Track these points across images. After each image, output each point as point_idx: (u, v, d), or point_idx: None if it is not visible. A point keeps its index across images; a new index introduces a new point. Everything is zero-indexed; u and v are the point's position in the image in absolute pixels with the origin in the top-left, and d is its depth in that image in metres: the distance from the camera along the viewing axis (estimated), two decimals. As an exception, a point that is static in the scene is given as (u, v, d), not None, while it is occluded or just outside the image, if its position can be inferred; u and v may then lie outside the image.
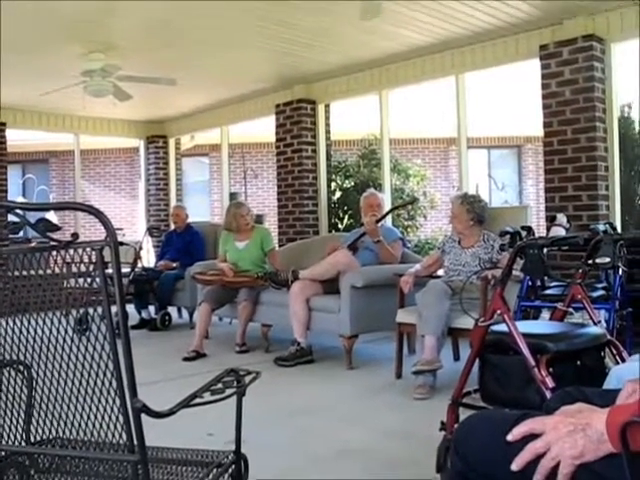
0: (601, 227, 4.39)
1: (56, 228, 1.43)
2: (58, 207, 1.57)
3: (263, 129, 10.22)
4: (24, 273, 1.63)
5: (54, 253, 1.53)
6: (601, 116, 5.73)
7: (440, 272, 5.12)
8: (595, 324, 2.81)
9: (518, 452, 1.26)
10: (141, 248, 7.88)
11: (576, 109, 5.76)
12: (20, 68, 7.04)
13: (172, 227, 8.51)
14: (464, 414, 2.73)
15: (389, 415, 4.00)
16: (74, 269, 1.56)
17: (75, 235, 1.45)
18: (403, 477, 2.97)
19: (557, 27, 5.88)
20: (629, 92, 7.39)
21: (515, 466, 1.25)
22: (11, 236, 1.53)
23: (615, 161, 5.82)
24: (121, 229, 6.81)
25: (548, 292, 4.72)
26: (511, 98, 11.78)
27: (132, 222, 13.26)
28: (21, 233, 1.56)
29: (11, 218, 1.52)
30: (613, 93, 5.79)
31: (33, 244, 1.60)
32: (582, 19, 5.71)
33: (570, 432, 1.23)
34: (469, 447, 1.42)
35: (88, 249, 1.45)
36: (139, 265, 7.68)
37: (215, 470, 1.87)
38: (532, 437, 1.27)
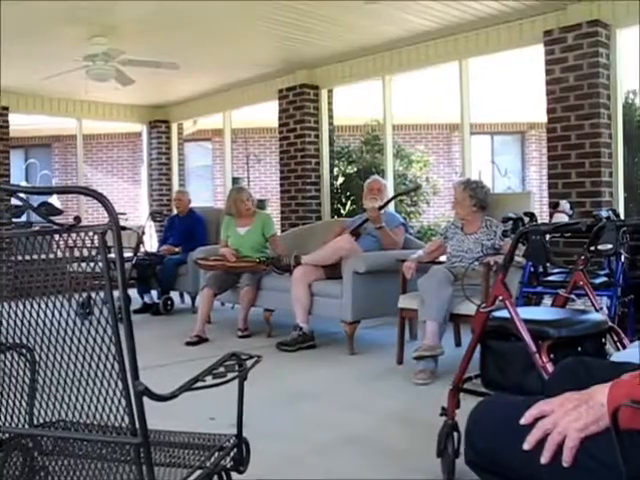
0: (604, 214, 4.37)
1: (58, 212, 1.43)
2: (61, 191, 1.57)
3: (266, 114, 10.19)
4: (27, 257, 1.63)
5: (57, 237, 1.54)
6: (605, 102, 5.71)
7: (442, 258, 5.12)
8: (597, 311, 2.81)
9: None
10: (144, 233, 7.88)
11: (580, 95, 5.73)
12: (23, 52, 7.03)
13: (174, 212, 8.51)
14: (465, 400, 2.75)
15: (390, 400, 4.02)
16: (77, 253, 1.56)
17: (77, 219, 1.45)
18: (404, 462, 2.98)
19: (561, 12, 5.85)
20: (634, 78, 7.35)
21: (527, 445, 1.27)
22: (14, 220, 1.53)
23: (619, 148, 5.80)
24: (124, 214, 6.81)
25: (550, 278, 4.73)
26: (515, 84, 11.73)
27: (135, 207, 13.25)
28: (23, 217, 1.56)
29: (14, 202, 1.52)
30: (618, 79, 5.76)
31: (36, 228, 1.60)
32: (587, 4, 5.68)
33: (575, 406, 1.27)
34: (479, 436, 1.43)
35: (90, 233, 1.45)
36: (142, 250, 7.70)
37: (217, 453, 1.88)
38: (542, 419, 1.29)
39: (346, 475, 2.87)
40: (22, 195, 1.49)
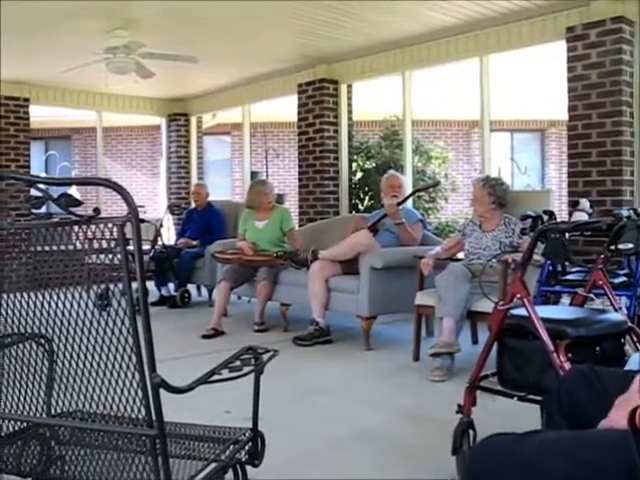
0: (625, 213, 4.32)
1: (78, 203, 1.44)
2: (81, 182, 1.58)
3: (285, 108, 10.19)
4: (46, 248, 1.64)
5: (76, 228, 1.54)
6: (628, 100, 5.65)
7: (460, 255, 5.10)
8: (616, 310, 2.79)
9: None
10: (162, 225, 7.91)
11: (602, 93, 5.68)
12: (44, 45, 7.06)
13: (193, 205, 8.54)
14: (481, 397, 2.74)
15: (406, 397, 4.01)
16: (95, 245, 1.57)
17: (97, 210, 1.46)
18: (418, 460, 2.98)
19: (585, 9, 5.79)
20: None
21: None
22: (33, 211, 1.54)
23: (641, 146, 5.74)
24: (142, 206, 6.81)
25: (569, 277, 4.69)
26: (535, 81, 11.64)
27: (153, 200, 13.31)
28: (43, 208, 1.57)
29: (33, 192, 1.53)
30: (641, 77, 5.70)
31: (55, 219, 1.61)
32: (611, 1, 5.61)
33: None
34: (480, 478, 1.44)
35: (110, 225, 1.46)
36: (159, 242, 7.73)
37: (232, 447, 1.89)
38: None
39: (360, 472, 2.87)
40: (42, 186, 1.50)
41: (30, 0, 5.50)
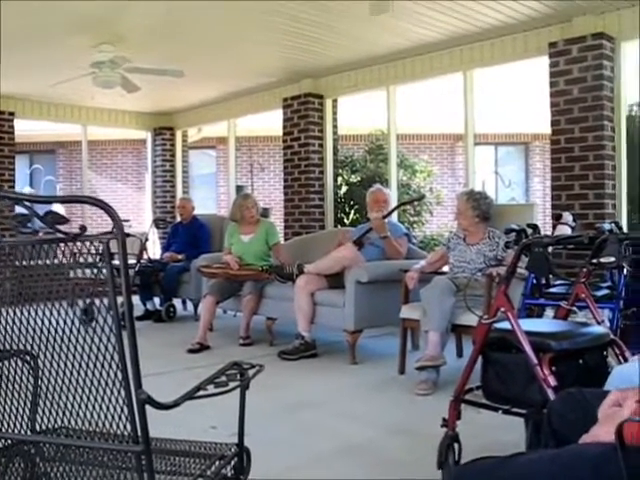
0: (607, 226, 4.38)
1: (64, 220, 1.44)
2: (67, 200, 1.59)
3: (270, 122, 10.23)
4: (31, 263, 1.64)
5: (62, 245, 1.55)
6: (609, 115, 5.72)
7: (445, 268, 5.13)
8: (599, 323, 2.82)
9: None
10: (147, 239, 7.90)
11: (584, 107, 5.75)
12: (29, 59, 7.06)
13: (178, 219, 8.53)
14: (466, 410, 2.75)
15: (392, 411, 4.02)
16: (81, 260, 1.57)
17: (83, 228, 1.47)
18: (405, 473, 2.98)
19: (566, 25, 5.87)
20: (638, 91, 7.36)
21: None
22: (20, 229, 1.54)
23: (622, 160, 5.81)
24: (128, 220, 6.79)
25: (552, 290, 4.72)
26: (519, 95, 11.75)
27: (138, 213, 13.28)
28: (28, 223, 1.57)
29: (19, 209, 1.53)
30: (622, 92, 5.77)
31: (40, 234, 1.61)
32: (592, 17, 5.69)
33: None
34: None
35: (96, 242, 1.47)
36: (145, 257, 7.71)
37: (218, 462, 1.89)
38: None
39: (346, 485, 2.87)
40: (28, 203, 1.50)
41: (14, 14, 5.51)
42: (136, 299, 7.52)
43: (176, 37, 6.47)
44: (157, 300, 7.71)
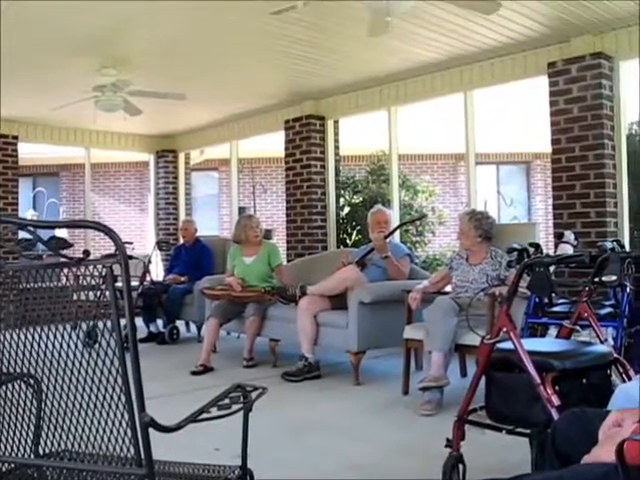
0: (609, 244, 4.39)
1: (68, 245, 1.45)
2: (71, 225, 1.60)
3: (272, 144, 10.27)
4: (34, 285, 1.65)
5: (65, 270, 1.56)
6: (609, 133, 5.74)
7: (448, 288, 5.13)
8: (602, 342, 2.82)
9: None
10: (150, 262, 7.91)
11: (584, 126, 5.77)
12: (32, 82, 7.12)
13: (181, 241, 8.55)
14: (470, 431, 2.74)
15: (396, 431, 4.00)
16: (84, 282, 1.58)
17: (86, 252, 1.48)
18: (409, 494, 2.97)
19: (565, 45, 5.91)
20: (637, 109, 7.40)
21: None
22: (24, 253, 1.55)
23: (623, 178, 5.82)
24: (130, 242, 6.85)
25: (555, 309, 4.71)
26: (520, 114, 11.80)
27: (141, 235, 13.30)
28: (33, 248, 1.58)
29: (22, 234, 1.55)
30: (621, 110, 5.79)
31: (44, 257, 1.62)
32: (590, 37, 5.73)
33: None
34: None
35: (99, 266, 1.48)
36: (148, 279, 7.71)
37: (221, 485, 1.89)
38: None
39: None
40: (32, 228, 1.52)
41: (17, 39, 5.57)
42: (139, 321, 7.51)
43: (178, 60, 6.52)
44: (160, 322, 7.70)
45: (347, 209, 10.43)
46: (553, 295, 4.48)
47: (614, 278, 2.65)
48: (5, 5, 4.74)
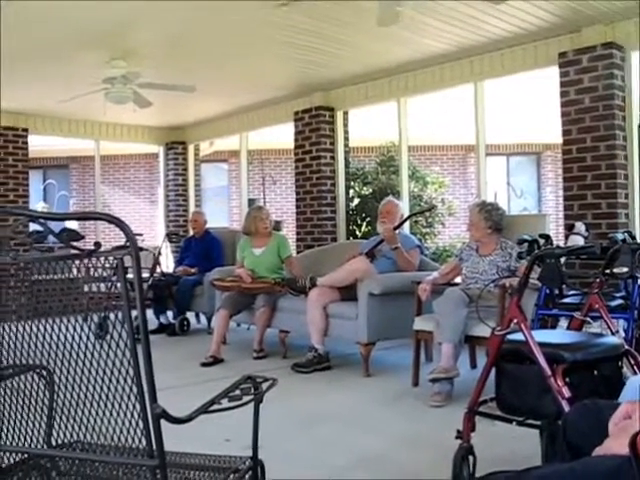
0: (620, 236, 4.37)
1: (79, 237, 1.46)
2: (82, 217, 1.61)
3: (282, 136, 10.26)
4: (46, 277, 1.66)
5: (77, 262, 1.56)
6: (621, 124, 5.71)
7: (458, 280, 5.12)
8: (613, 334, 2.81)
9: None
10: (160, 253, 7.93)
11: (595, 117, 5.74)
12: (43, 75, 7.14)
13: (191, 233, 8.57)
14: (480, 422, 2.74)
15: (406, 422, 4.01)
16: (95, 274, 1.59)
17: (97, 244, 1.48)
18: (419, 485, 2.97)
19: (576, 35, 5.87)
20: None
21: None
22: (35, 245, 1.56)
23: (635, 169, 5.78)
24: (141, 234, 6.85)
25: (566, 301, 4.70)
26: (530, 105, 11.73)
27: (151, 227, 13.34)
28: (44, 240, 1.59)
29: (33, 226, 1.55)
30: (633, 101, 5.76)
31: (55, 249, 1.63)
32: (601, 27, 5.69)
33: None
34: None
35: (110, 258, 1.48)
36: (158, 270, 7.74)
37: (232, 475, 1.89)
38: None
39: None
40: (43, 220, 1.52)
41: (27, 31, 5.58)
42: (149, 313, 7.54)
43: (187, 52, 6.52)
44: (170, 314, 7.73)
45: (357, 200, 10.42)
46: (564, 287, 4.46)
47: (625, 270, 2.64)
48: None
